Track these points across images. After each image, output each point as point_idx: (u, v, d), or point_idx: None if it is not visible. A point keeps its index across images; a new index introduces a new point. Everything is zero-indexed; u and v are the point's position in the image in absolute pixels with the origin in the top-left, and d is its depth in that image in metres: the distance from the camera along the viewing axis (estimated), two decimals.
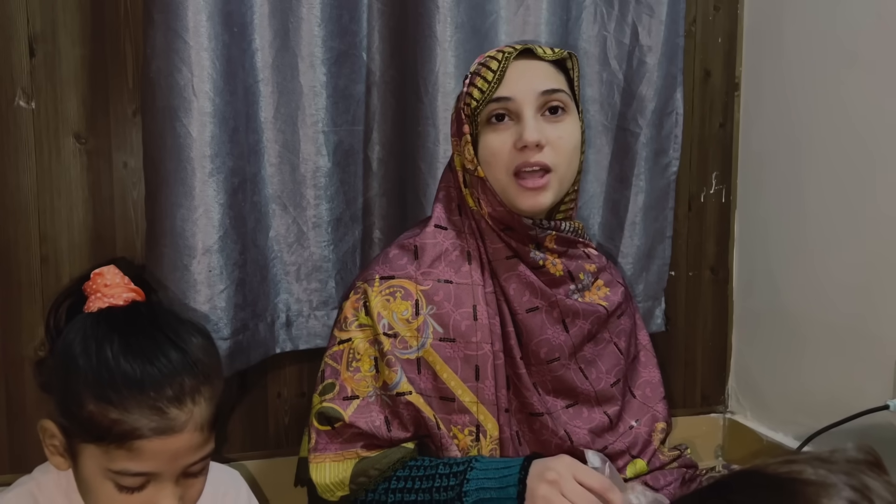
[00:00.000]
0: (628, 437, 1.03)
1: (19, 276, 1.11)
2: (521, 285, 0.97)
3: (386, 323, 0.95)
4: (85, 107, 1.11)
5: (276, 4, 1.11)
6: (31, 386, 1.13)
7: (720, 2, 1.38)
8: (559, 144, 0.93)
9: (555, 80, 0.95)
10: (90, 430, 0.69)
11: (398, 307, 0.95)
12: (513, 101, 0.93)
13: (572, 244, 1.01)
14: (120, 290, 0.76)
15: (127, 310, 0.75)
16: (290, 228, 1.16)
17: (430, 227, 1.00)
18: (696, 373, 1.44)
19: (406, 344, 0.94)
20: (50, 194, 1.11)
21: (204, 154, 1.02)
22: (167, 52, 1.00)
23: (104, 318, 0.73)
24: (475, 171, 0.95)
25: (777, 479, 0.46)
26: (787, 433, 1.28)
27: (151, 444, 0.69)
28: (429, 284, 0.96)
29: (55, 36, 1.09)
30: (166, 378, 0.70)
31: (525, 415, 0.98)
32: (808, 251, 1.24)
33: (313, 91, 1.14)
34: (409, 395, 0.94)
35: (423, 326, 0.95)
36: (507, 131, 0.93)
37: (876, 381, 1.11)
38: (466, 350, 0.95)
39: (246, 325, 1.10)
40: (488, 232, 0.97)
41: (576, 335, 0.99)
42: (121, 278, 0.77)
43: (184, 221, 1.02)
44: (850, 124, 1.16)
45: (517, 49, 0.94)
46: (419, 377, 0.94)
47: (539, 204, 0.93)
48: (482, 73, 0.94)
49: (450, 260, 0.98)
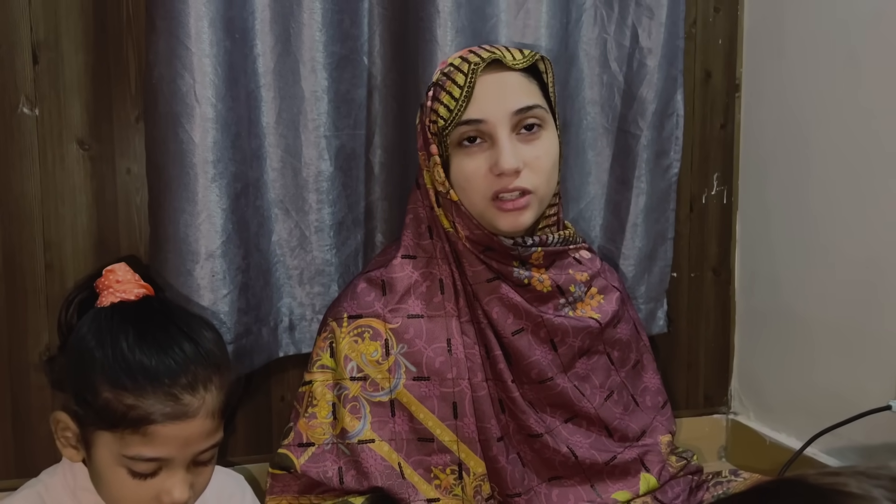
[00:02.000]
0: (636, 449, 1.02)
1: (24, 283, 1.11)
2: (505, 308, 0.92)
3: (354, 366, 0.91)
4: (88, 113, 1.12)
5: (278, 10, 1.11)
6: (37, 392, 1.13)
7: (720, 3, 1.38)
8: (537, 165, 0.89)
9: (528, 94, 0.90)
10: (106, 416, 0.71)
11: (367, 348, 0.92)
12: (485, 123, 0.87)
13: (561, 255, 0.97)
14: (131, 285, 0.78)
15: (139, 304, 0.78)
16: (293, 233, 1.16)
17: (397, 258, 0.96)
18: (699, 374, 1.44)
19: (377, 386, 0.91)
20: (54, 200, 1.12)
21: (206, 159, 1.02)
22: (169, 59, 1.01)
23: (117, 312, 0.76)
24: (447, 193, 0.90)
25: (820, 490, 0.46)
26: (790, 434, 1.28)
27: (165, 430, 0.71)
28: (398, 322, 0.92)
29: (58, 43, 1.10)
30: (180, 366, 0.73)
31: (524, 436, 0.95)
32: (811, 251, 1.24)
33: (315, 96, 1.14)
34: (372, 443, 0.90)
35: (394, 367, 0.91)
36: (482, 154, 0.88)
37: (879, 382, 1.11)
38: (442, 388, 0.91)
39: (249, 329, 1.11)
40: (466, 254, 0.93)
41: (565, 354, 0.96)
42: (131, 275, 0.80)
43: (187, 227, 1.02)
44: (851, 124, 1.16)
45: (484, 59, 0.88)
46: (393, 420, 0.91)
47: (520, 224, 0.90)
48: (447, 87, 0.89)
49: (420, 292, 0.94)
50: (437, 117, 0.89)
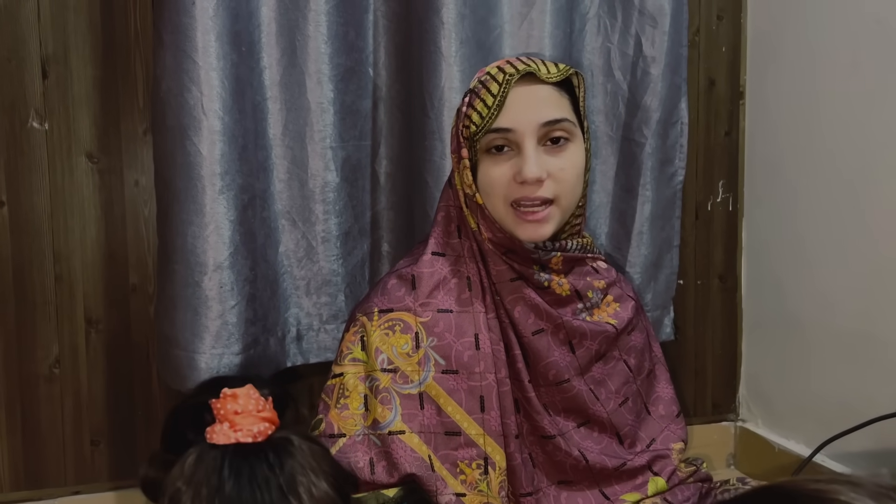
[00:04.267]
0: (646, 455, 1.02)
1: (34, 295, 1.12)
2: (527, 308, 0.94)
3: (385, 358, 0.93)
4: (97, 127, 1.13)
5: (284, 23, 1.12)
6: (46, 403, 1.14)
7: (723, 11, 1.38)
8: (561, 176, 0.91)
9: (557, 107, 0.91)
10: None
11: (398, 341, 0.93)
12: (513, 133, 0.90)
13: (579, 262, 0.99)
14: (252, 421, 0.67)
15: (251, 449, 0.67)
16: (300, 243, 1.17)
17: (426, 254, 0.97)
18: (707, 381, 1.44)
19: (407, 378, 0.92)
20: (63, 213, 1.13)
21: (214, 172, 1.03)
22: (177, 73, 1.02)
23: (228, 458, 0.66)
24: (474, 196, 0.93)
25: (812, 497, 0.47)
26: (799, 441, 1.28)
27: None
28: (428, 315, 0.94)
29: (67, 58, 1.11)
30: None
31: (537, 437, 0.96)
32: (817, 258, 1.24)
33: (321, 107, 1.15)
34: (403, 434, 0.91)
35: (424, 360, 0.93)
36: (508, 162, 0.91)
37: (887, 388, 1.11)
38: (470, 381, 0.92)
39: (257, 339, 1.11)
40: (490, 254, 0.95)
41: (582, 356, 0.97)
42: (254, 403, 0.68)
43: (195, 238, 1.03)
44: (856, 129, 1.16)
45: (519, 71, 0.91)
46: (422, 412, 0.92)
47: (539, 236, 0.91)
48: (482, 94, 0.91)
49: (448, 288, 0.95)
50: (469, 123, 0.91)
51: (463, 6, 1.13)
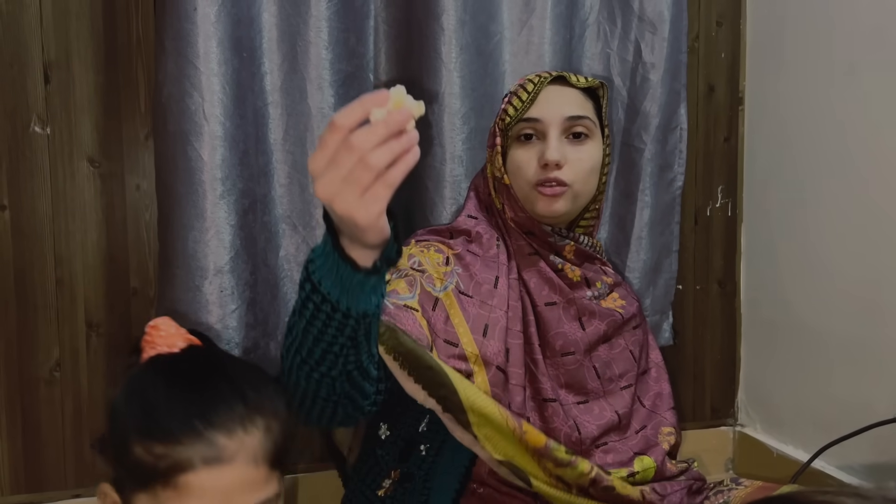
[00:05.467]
0: (634, 440, 1.04)
1: (35, 299, 1.13)
2: (542, 280, 1.02)
3: (417, 260, 0.99)
4: (98, 131, 1.14)
5: (285, 29, 1.13)
6: (46, 406, 1.14)
7: (723, 17, 1.39)
8: (577, 165, 1.00)
9: (582, 106, 1.01)
10: (138, 474, 0.64)
11: (431, 256, 1.02)
12: (541, 122, 1.00)
13: (590, 258, 1.06)
14: (176, 339, 0.71)
15: (178, 354, 0.69)
16: (300, 248, 1.17)
17: (462, 215, 1.07)
18: (705, 386, 1.44)
19: (432, 281, 0.98)
20: (64, 217, 1.13)
21: (215, 177, 1.04)
22: (178, 78, 1.02)
23: (154, 363, 0.69)
24: (502, 178, 1.01)
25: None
26: (797, 446, 1.28)
27: (200, 479, 0.62)
28: (459, 249, 1.02)
29: (69, 63, 1.12)
30: (212, 406, 0.64)
31: (538, 401, 0.99)
32: (815, 263, 1.24)
33: (321, 113, 1.16)
34: (416, 312, 0.93)
35: (449, 274, 1.00)
36: (534, 148, 1.01)
37: (885, 394, 1.11)
38: (481, 309, 0.98)
39: (257, 343, 1.12)
40: (512, 231, 1.03)
41: (591, 333, 1.03)
42: (176, 329, 0.71)
43: (195, 243, 1.04)
44: (854, 135, 1.17)
45: (553, 75, 1.02)
46: (433, 313, 0.96)
47: (554, 210, 0.99)
48: (519, 93, 1.02)
49: (481, 242, 1.04)
50: (505, 115, 1.02)
51: (463, 12, 1.14)
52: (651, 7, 1.25)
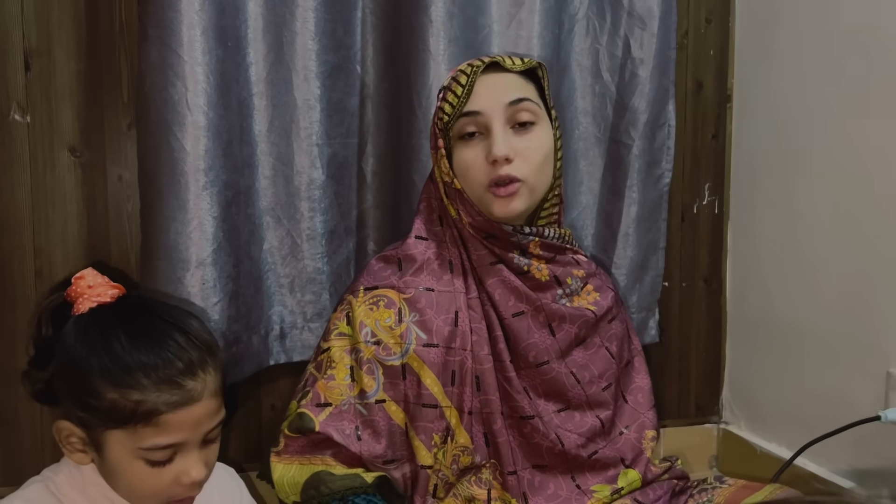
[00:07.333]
0: (619, 444, 1.04)
1: (13, 290, 1.11)
2: (506, 290, 0.98)
3: (369, 331, 0.97)
4: (80, 121, 1.12)
5: (271, 19, 1.11)
6: (25, 400, 1.12)
7: (712, 14, 1.39)
8: (528, 155, 0.95)
9: (522, 89, 0.96)
10: (115, 416, 0.73)
11: (381, 315, 0.98)
12: (482, 115, 0.95)
13: (560, 251, 1.02)
14: (104, 288, 0.79)
15: (117, 304, 0.79)
16: (284, 241, 1.16)
17: (411, 238, 1.02)
18: (690, 383, 1.44)
19: (390, 351, 0.96)
20: (45, 208, 1.11)
21: (198, 168, 1.02)
22: (162, 67, 1.01)
23: (99, 316, 0.77)
24: (452, 183, 0.97)
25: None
26: (781, 443, 1.29)
27: (176, 417, 0.74)
28: (411, 293, 0.99)
29: (50, 50, 1.10)
30: (177, 355, 0.75)
31: (516, 419, 0.98)
32: (801, 261, 1.25)
33: (307, 104, 1.15)
34: (384, 402, 0.96)
35: (406, 333, 0.97)
36: (479, 145, 0.96)
37: (868, 392, 1.11)
38: (447, 356, 0.96)
39: (239, 337, 1.11)
40: (471, 240, 0.99)
41: (562, 339, 1.00)
42: (101, 278, 0.81)
43: (178, 235, 1.02)
44: (841, 134, 1.17)
45: (485, 62, 0.97)
46: (403, 383, 0.96)
47: (511, 210, 0.95)
48: (452, 87, 0.97)
49: (431, 269, 1.00)
50: (442, 114, 0.97)
51: (451, 5, 1.13)
52: (641, 3, 1.25)
